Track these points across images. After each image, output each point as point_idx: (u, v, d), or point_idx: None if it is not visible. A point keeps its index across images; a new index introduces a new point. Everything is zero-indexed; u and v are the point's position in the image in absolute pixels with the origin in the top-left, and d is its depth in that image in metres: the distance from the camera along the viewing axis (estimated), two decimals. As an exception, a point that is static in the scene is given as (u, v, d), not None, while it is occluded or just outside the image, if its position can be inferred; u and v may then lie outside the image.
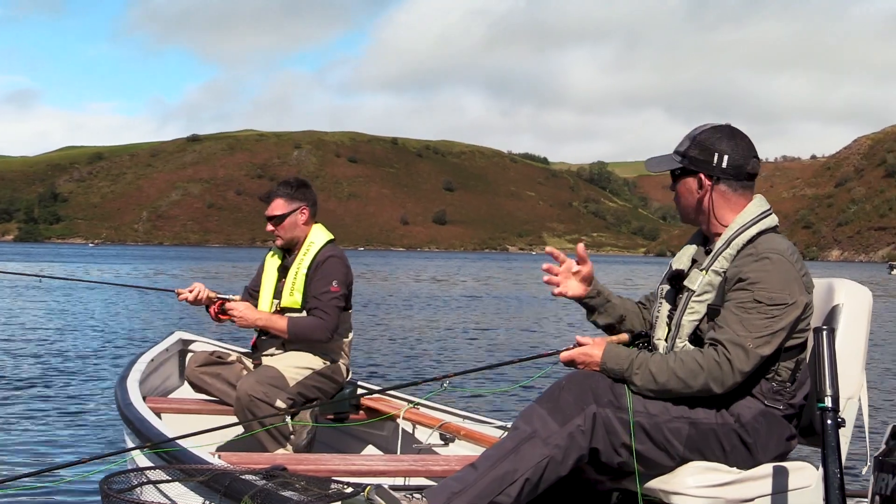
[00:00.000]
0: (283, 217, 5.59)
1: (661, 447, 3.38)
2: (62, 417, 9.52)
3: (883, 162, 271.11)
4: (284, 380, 5.33)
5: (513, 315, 26.76)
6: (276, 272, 5.71)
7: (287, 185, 5.72)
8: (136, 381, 5.57)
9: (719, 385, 3.30)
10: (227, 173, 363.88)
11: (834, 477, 2.85)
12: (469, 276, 65.08)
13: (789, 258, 3.38)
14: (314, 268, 5.50)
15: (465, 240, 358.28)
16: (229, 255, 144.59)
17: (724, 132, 3.55)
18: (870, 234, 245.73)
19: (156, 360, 6.24)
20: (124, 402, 5.10)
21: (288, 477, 3.44)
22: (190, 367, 5.71)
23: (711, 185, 3.53)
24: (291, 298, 5.50)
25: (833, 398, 2.95)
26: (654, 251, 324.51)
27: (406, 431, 5.58)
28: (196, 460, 3.89)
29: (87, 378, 12.31)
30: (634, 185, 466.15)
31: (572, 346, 3.60)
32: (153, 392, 5.97)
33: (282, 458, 4.60)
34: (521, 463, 3.31)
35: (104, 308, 25.26)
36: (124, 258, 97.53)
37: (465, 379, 9.94)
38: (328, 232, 5.72)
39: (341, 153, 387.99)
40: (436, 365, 14.73)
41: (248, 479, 3.44)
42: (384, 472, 4.45)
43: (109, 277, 43.70)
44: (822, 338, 3.02)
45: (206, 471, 3.60)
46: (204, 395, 5.70)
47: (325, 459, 4.63)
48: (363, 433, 5.94)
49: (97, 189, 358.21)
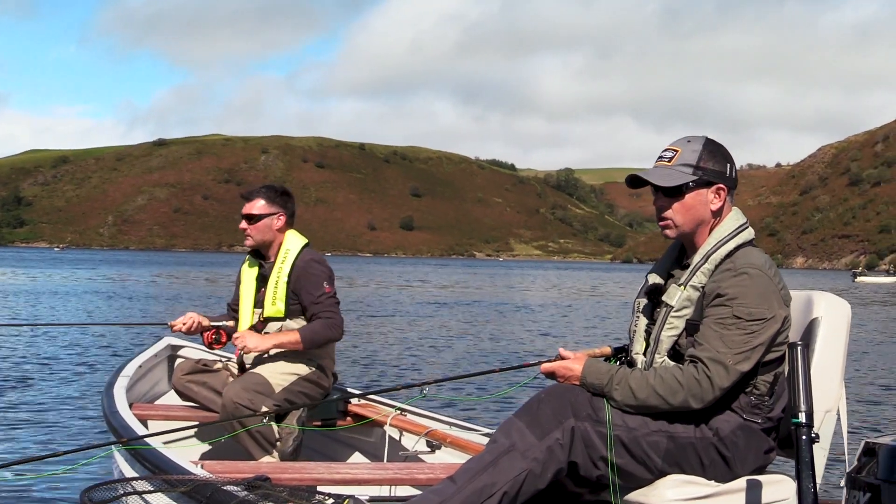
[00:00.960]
0: (259, 217, 5.63)
1: (639, 461, 3.39)
2: (47, 423, 9.46)
3: (847, 171, 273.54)
4: (270, 386, 5.34)
5: (490, 323, 26.73)
6: (255, 282, 5.70)
7: (271, 188, 5.78)
8: (122, 387, 5.56)
9: (699, 401, 3.33)
10: (194, 178, 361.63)
11: (808, 492, 2.86)
12: (442, 281, 65.07)
13: (767, 272, 3.40)
14: (295, 275, 5.50)
15: (432, 246, 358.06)
16: (196, 259, 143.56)
17: (718, 145, 3.60)
18: (834, 242, 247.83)
19: (144, 366, 6.22)
20: (110, 409, 5.10)
21: (270, 488, 3.42)
22: (176, 376, 5.72)
23: (726, 195, 3.56)
24: (274, 307, 5.50)
25: (807, 414, 2.97)
26: (621, 258, 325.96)
27: (393, 438, 5.60)
28: (179, 470, 3.87)
29: (77, 383, 12.23)
30: (601, 192, 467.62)
31: (555, 358, 3.61)
32: (140, 398, 5.97)
33: (266, 466, 4.63)
34: (499, 476, 3.32)
35: (95, 312, 25.07)
36: (92, 263, 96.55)
37: (443, 387, 10.01)
38: (302, 236, 5.73)
39: (308, 158, 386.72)
40: (414, 372, 14.69)
41: (230, 489, 3.42)
42: (369, 481, 4.45)
43: (79, 286, 43.43)
44: (796, 354, 3.04)
45: (188, 481, 3.58)
46: (191, 402, 5.69)
47: (310, 468, 4.63)
48: (350, 439, 5.95)
49: (62, 193, 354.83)
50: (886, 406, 12.26)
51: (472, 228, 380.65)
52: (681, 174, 3.54)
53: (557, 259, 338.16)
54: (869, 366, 17.21)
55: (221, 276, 58.76)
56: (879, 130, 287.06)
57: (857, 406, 11.67)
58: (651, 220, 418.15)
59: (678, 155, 3.57)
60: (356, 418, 5.83)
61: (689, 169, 3.53)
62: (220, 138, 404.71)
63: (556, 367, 3.56)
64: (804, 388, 2.98)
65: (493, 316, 29.90)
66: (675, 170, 3.55)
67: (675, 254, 3.70)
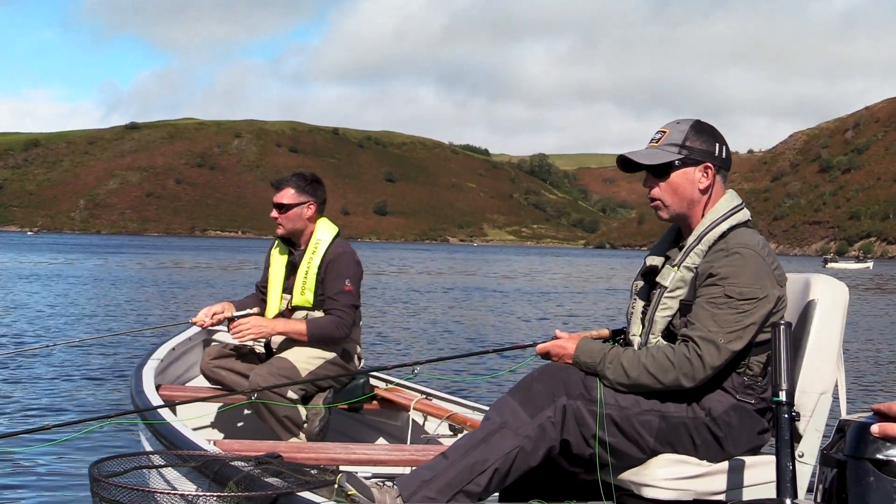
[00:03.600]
0: (289, 207, 5.62)
1: (631, 440, 3.40)
2: (78, 399, 9.76)
3: (817, 157, 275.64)
4: (296, 370, 5.37)
5: (479, 307, 26.90)
6: (284, 268, 5.74)
7: (301, 177, 5.74)
8: (152, 368, 5.62)
9: (690, 380, 3.34)
10: (167, 162, 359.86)
11: (786, 469, 2.89)
12: (423, 267, 65.18)
13: (760, 252, 3.41)
14: (325, 265, 5.53)
15: (406, 231, 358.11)
16: (171, 244, 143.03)
17: (707, 125, 3.62)
18: (804, 228, 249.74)
19: (177, 349, 6.28)
20: (136, 389, 5.17)
21: (278, 465, 3.44)
22: (204, 360, 5.75)
23: (714, 174, 3.56)
24: (303, 297, 5.54)
25: (788, 392, 2.99)
26: (594, 243, 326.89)
27: (416, 422, 5.67)
28: (192, 446, 3.91)
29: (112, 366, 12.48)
30: (574, 178, 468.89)
31: (551, 338, 3.65)
32: (173, 381, 6.06)
33: (284, 446, 4.65)
34: (491, 453, 3.34)
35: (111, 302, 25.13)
36: (69, 246, 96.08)
37: (436, 368, 10.29)
38: (334, 226, 5.73)
39: (282, 143, 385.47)
40: (406, 354, 14.83)
41: (237, 465, 3.44)
42: (385, 462, 4.48)
43: (56, 268, 43.35)
44: (779, 333, 3.06)
45: (198, 457, 3.59)
46: (219, 386, 5.72)
47: (328, 448, 4.67)
48: (376, 423, 6.03)
49: (33, 176, 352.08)
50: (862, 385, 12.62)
51: (445, 213, 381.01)
52: (666, 153, 3.56)
53: (531, 244, 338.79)
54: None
55: (211, 263, 58.36)
56: (850, 118, 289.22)
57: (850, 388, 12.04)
58: (624, 206, 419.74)
59: (666, 136, 3.60)
60: (382, 402, 5.91)
61: (675, 148, 3.55)
62: (193, 122, 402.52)
63: (551, 346, 3.59)
64: (786, 367, 3.01)
65: (481, 300, 30.01)
66: (662, 149, 3.57)
67: (671, 236, 3.73)
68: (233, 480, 3.30)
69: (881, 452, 2.50)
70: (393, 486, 3.36)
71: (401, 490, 3.33)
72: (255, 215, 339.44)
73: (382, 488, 3.33)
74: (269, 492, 3.17)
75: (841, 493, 2.58)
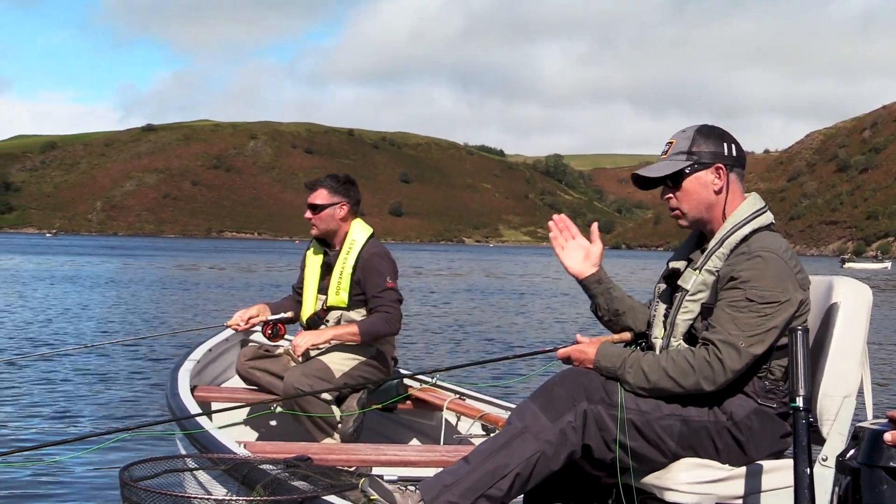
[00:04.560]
0: (322, 207, 5.69)
1: (653, 444, 3.41)
2: (113, 401, 9.96)
3: (834, 157, 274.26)
4: (330, 371, 5.43)
5: (502, 309, 26.87)
6: (320, 269, 5.79)
7: (334, 178, 5.82)
8: (188, 370, 5.68)
9: (711, 384, 3.34)
10: (183, 164, 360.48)
11: (803, 475, 2.89)
12: (441, 268, 65.11)
13: (782, 256, 3.40)
14: (360, 265, 5.57)
15: (421, 232, 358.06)
16: (192, 245, 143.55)
17: (712, 127, 3.63)
18: (821, 228, 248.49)
19: (213, 350, 6.35)
20: (171, 391, 5.23)
21: (306, 468, 3.47)
22: (239, 361, 5.81)
23: (727, 174, 3.56)
24: (338, 297, 5.59)
25: (805, 398, 2.99)
26: (610, 244, 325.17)
27: (449, 422, 5.69)
28: (223, 449, 3.94)
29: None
30: (590, 178, 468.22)
31: (571, 343, 3.66)
32: (209, 382, 6.11)
33: (316, 447, 4.69)
34: (512, 458, 3.37)
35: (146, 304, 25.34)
36: (89, 248, 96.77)
37: (455, 375, 10.37)
38: (367, 227, 5.79)
39: (297, 144, 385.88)
40: (429, 356, 14.88)
41: (265, 468, 3.47)
42: (416, 463, 4.49)
43: (82, 271, 43.62)
44: (796, 338, 3.06)
45: (228, 460, 3.62)
46: (254, 386, 5.79)
47: (358, 450, 4.69)
48: (410, 422, 6.07)
49: (50, 178, 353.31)
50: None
51: (460, 214, 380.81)
52: (675, 162, 3.58)
53: (546, 245, 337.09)
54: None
55: (246, 266, 58.54)
56: (867, 117, 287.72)
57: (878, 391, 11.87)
58: (640, 207, 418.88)
59: (673, 146, 3.61)
60: (416, 402, 5.95)
61: (683, 156, 3.57)
62: (209, 124, 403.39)
63: (571, 351, 3.60)
64: (803, 371, 3.00)
65: (500, 302, 29.96)
66: (671, 160, 3.59)
67: (694, 239, 3.74)
68: (260, 484, 3.33)
69: (895, 461, 2.48)
70: (415, 490, 3.38)
71: (423, 494, 3.36)
72: (270, 216, 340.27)
73: (405, 492, 3.35)
74: (295, 496, 3.19)
75: (855, 501, 2.57)
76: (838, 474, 2.66)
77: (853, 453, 2.61)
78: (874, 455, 2.52)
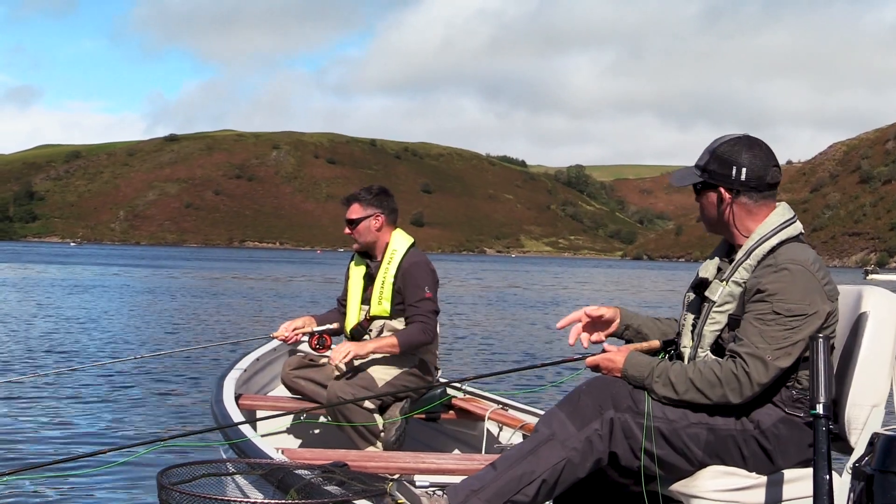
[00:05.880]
0: (357, 221, 5.75)
1: (679, 452, 3.44)
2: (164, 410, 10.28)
3: (857, 168, 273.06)
4: (373, 381, 5.49)
5: (525, 318, 27.02)
6: (362, 280, 5.86)
7: (367, 191, 5.88)
8: (233, 379, 5.78)
9: (738, 396, 3.36)
10: (205, 173, 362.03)
11: (823, 483, 2.89)
12: (467, 278, 65.25)
13: (809, 268, 3.40)
14: (401, 275, 5.64)
15: (443, 242, 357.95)
16: (220, 255, 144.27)
17: (742, 143, 3.60)
18: (844, 240, 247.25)
19: (261, 359, 6.47)
20: (216, 398, 5.33)
21: (342, 473, 3.50)
22: (284, 371, 5.90)
23: (731, 199, 3.58)
24: (380, 307, 5.66)
25: (825, 406, 2.99)
26: (631, 254, 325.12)
27: (491, 432, 5.73)
28: (262, 455, 4.02)
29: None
30: (612, 189, 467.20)
31: (600, 352, 3.70)
32: (254, 391, 6.21)
33: (354, 454, 4.74)
34: (538, 464, 3.41)
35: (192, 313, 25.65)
36: (114, 257, 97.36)
37: (487, 383, 10.59)
38: (408, 236, 5.83)
39: (320, 154, 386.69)
40: (458, 365, 14.97)
41: (300, 473, 3.51)
42: (454, 471, 4.50)
43: (111, 280, 44.07)
44: (817, 346, 3.07)
45: (265, 465, 3.68)
46: (298, 395, 5.87)
47: (398, 457, 4.75)
48: (453, 432, 6.11)
49: (74, 188, 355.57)
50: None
51: (482, 225, 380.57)
52: (692, 175, 3.65)
53: (568, 255, 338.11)
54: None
55: (283, 277, 58.79)
56: (890, 128, 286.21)
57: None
58: (661, 217, 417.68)
59: (700, 157, 3.68)
60: (458, 412, 5.99)
61: (697, 171, 3.64)
62: (231, 134, 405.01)
63: (600, 359, 3.63)
64: (825, 380, 3.01)
65: (526, 312, 30.08)
66: (689, 171, 3.67)
67: (724, 249, 3.76)
68: (294, 488, 3.36)
69: None
70: (443, 494, 3.42)
71: (450, 499, 3.40)
72: (292, 226, 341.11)
73: (432, 497, 3.39)
74: (327, 500, 3.23)
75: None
76: (853, 480, 2.67)
77: (867, 459, 2.61)
78: (887, 461, 2.52)
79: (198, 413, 9.94)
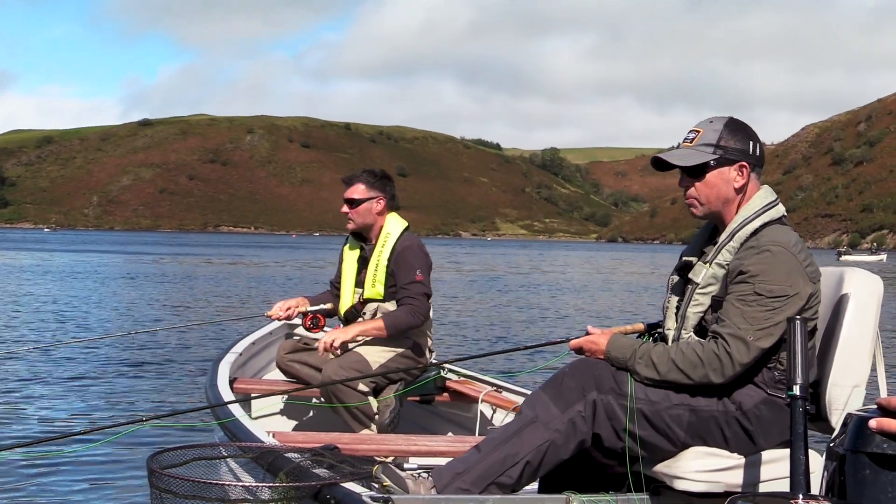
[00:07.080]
0: (359, 202, 5.78)
1: (662, 433, 3.48)
2: (154, 391, 10.26)
3: (829, 150, 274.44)
4: (367, 363, 5.51)
5: (505, 301, 27.05)
6: (356, 263, 5.89)
7: (371, 173, 5.90)
8: (228, 362, 5.81)
9: (719, 376, 3.40)
10: (179, 158, 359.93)
11: (799, 463, 2.92)
12: (443, 261, 65.33)
13: (791, 250, 3.45)
14: (394, 258, 5.66)
15: (419, 225, 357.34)
16: (198, 240, 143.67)
17: (741, 123, 3.66)
18: (817, 221, 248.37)
19: (257, 343, 6.51)
20: (210, 381, 5.35)
21: (331, 456, 3.56)
22: (279, 354, 5.93)
23: (749, 173, 3.62)
24: (374, 290, 5.69)
25: (802, 386, 3.01)
26: (606, 237, 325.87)
27: (484, 413, 5.76)
28: (253, 438, 4.03)
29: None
30: (587, 172, 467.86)
31: (584, 334, 3.74)
32: (249, 375, 6.22)
33: (347, 437, 4.76)
34: (522, 446, 3.46)
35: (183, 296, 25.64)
36: (91, 243, 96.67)
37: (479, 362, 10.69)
38: (403, 220, 5.85)
39: (294, 138, 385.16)
40: (446, 351, 14.86)
41: (290, 456, 3.56)
42: (447, 453, 4.51)
43: (94, 265, 43.90)
44: (794, 327, 3.07)
45: (256, 448, 3.72)
46: (293, 379, 5.89)
47: (389, 440, 4.77)
48: (447, 414, 6.14)
49: (46, 173, 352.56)
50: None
51: (457, 208, 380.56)
52: (701, 153, 3.61)
53: (543, 238, 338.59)
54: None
55: (273, 262, 58.57)
56: (862, 110, 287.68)
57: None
58: (636, 200, 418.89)
59: (699, 135, 3.64)
60: (453, 394, 6.03)
61: (709, 148, 3.60)
62: (205, 118, 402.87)
63: (583, 342, 3.67)
64: (801, 361, 3.03)
65: (506, 295, 30.03)
66: (696, 150, 3.62)
67: (707, 232, 3.79)
68: (283, 471, 3.39)
69: (879, 447, 2.52)
70: (428, 476, 3.46)
71: (435, 481, 3.43)
72: (267, 211, 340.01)
73: (417, 479, 3.42)
74: (314, 482, 3.25)
75: (840, 486, 2.62)
76: (827, 461, 2.71)
77: (840, 440, 2.66)
78: (859, 441, 2.57)
79: (195, 395, 9.95)
